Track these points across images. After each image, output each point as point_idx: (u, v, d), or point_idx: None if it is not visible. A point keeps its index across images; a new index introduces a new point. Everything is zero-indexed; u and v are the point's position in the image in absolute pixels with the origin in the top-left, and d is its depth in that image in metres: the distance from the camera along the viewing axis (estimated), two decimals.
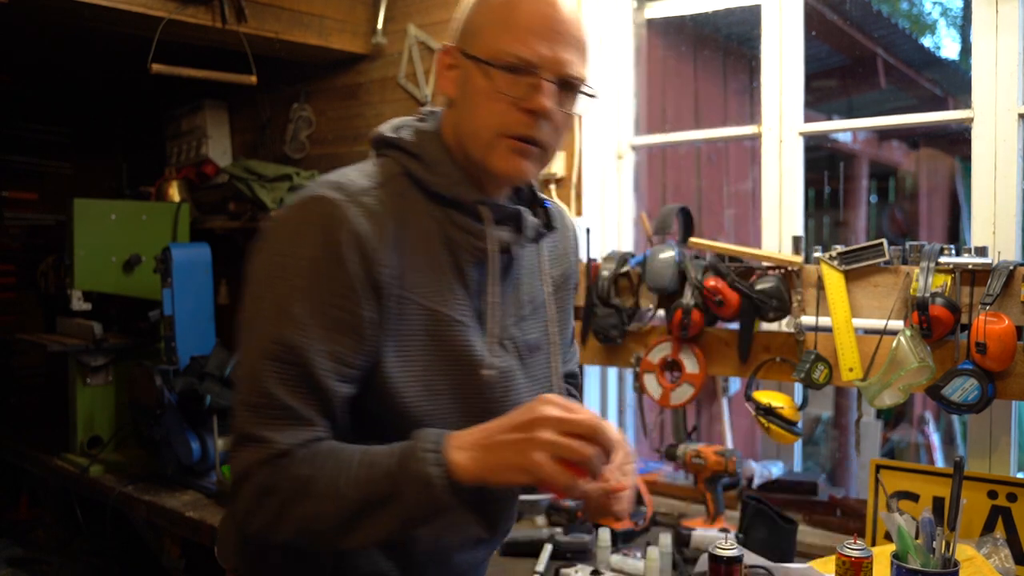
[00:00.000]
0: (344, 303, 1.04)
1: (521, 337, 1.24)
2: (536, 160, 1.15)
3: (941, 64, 4.86)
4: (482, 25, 1.14)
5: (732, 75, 3.73)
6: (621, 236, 2.49)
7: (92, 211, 2.97)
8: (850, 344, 1.90)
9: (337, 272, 1.04)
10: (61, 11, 2.37)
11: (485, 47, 1.12)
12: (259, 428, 1.03)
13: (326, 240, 1.04)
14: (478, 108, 1.12)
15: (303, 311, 1.03)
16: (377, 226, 1.07)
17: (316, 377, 1.03)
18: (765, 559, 1.70)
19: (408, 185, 1.15)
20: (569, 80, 1.13)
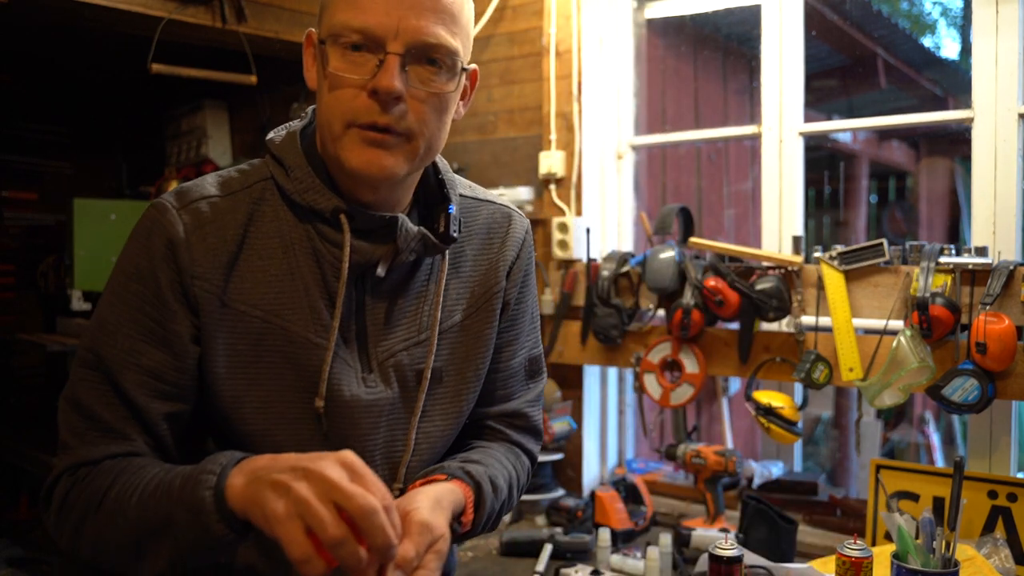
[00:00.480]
0: (155, 315, 0.97)
1: (411, 365, 1.06)
2: (399, 151, 0.97)
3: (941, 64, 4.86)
4: (327, 1, 0.99)
5: (732, 75, 3.73)
6: (621, 236, 2.49)
7: (92, 211, 2.97)
8: (850, 344, 1.90)
9: (149, 283, 0.97)
10: (61, 11, 2.36)
11: (326, 23, 0.98)
12: (71, 436, 0.97)
13: (145, 249, 0.98)
14: (324, 96, 0.98)
15: (116, 321, 0.97)
16: (203, 235, 0.98)
17: (124, 390, 0.96)
18: (765, 559, 1.70)
19: (274, 191, 1.03)
20: (426, 49, 0.95)
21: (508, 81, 2.53)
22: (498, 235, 1.16)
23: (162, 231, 0.98)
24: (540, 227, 2.45)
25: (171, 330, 0.97)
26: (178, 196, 1.01)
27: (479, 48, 2.57)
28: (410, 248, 1.02)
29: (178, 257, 0.97)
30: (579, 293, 2.33)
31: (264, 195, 1.03)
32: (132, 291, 0.98)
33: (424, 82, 0.96)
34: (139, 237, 0.99)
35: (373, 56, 0.94)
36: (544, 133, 2.44)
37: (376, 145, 0.95)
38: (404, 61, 0.94)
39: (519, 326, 1.20)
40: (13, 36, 3.02)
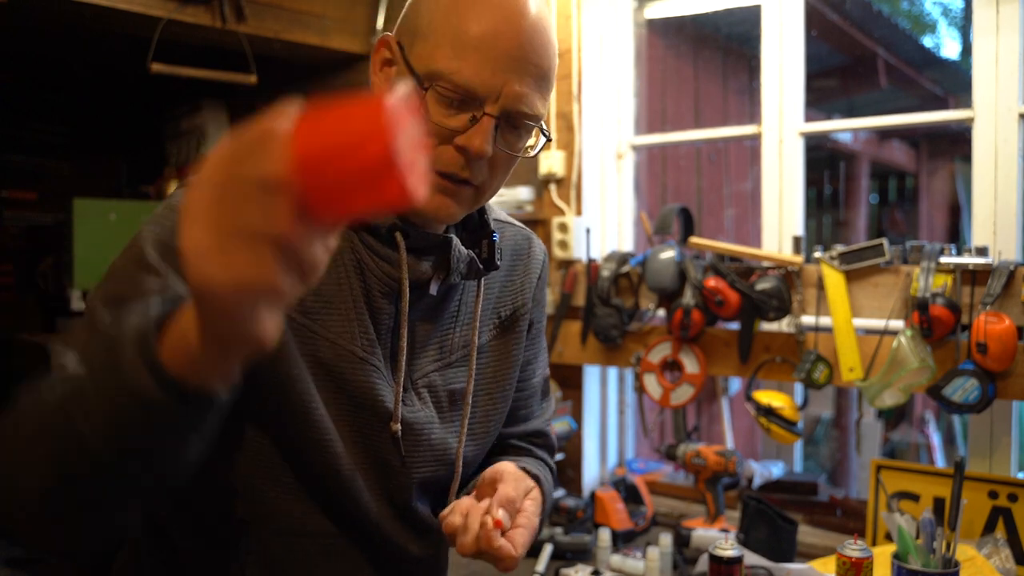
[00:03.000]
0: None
1: (443, 386, 1.05)
2: (466, 201, 0.96)
3: (942, 64, 4.86)
4: (426, 27, 0.92)
5: (732, 75, 3.73)
6: (621, 236, 2.49)
7: (92, 211, 2.97)
8: (850, 344, 1.90)
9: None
10: (61, 11, 2.36)
11: (424, 58, 0.91)
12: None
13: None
14: None
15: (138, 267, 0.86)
16: None
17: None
18: (765, 559, 1.69)
19: None
20: (519, 116, 0.93)
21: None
22: (522, 257, 1.16)
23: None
24: (540, 227, 2.45)
25: None
26: None
27: None
28: (459, 270, 1.01)
29: None
30: (579, 293, 2.33)
31: None
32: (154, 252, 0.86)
33: (508, 145, 0.95)
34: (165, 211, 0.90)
35: (468, 109, 0.91)
36: None
37: (450, 195, 0.94)
38: (497, 123, 0.92)
39: (538, 345, 1.21)
40: (13, 36, 3.02)
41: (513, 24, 0.90)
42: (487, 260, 1.05)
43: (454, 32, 0.90)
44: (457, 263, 1.00)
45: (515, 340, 1.14)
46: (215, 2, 2.50)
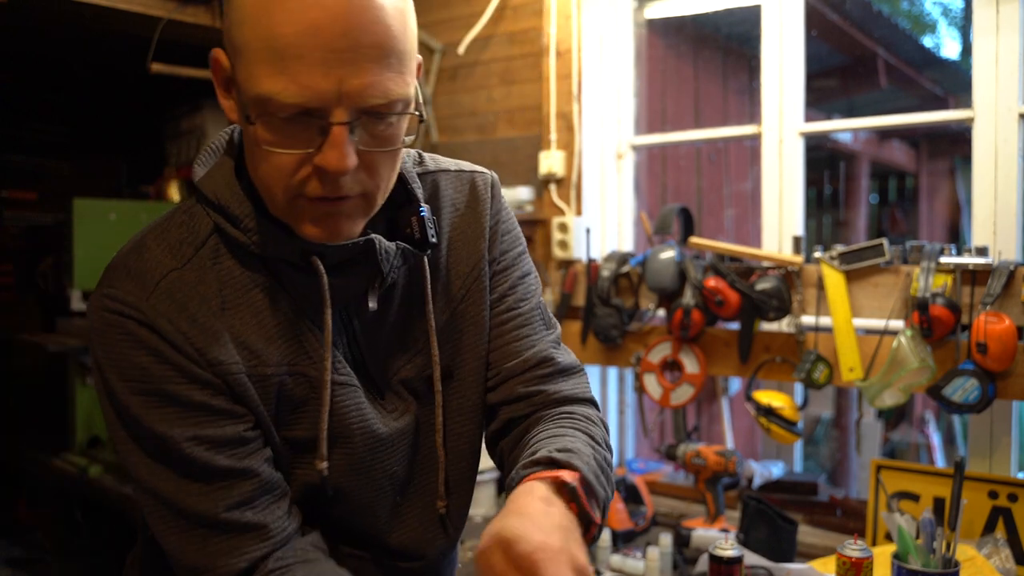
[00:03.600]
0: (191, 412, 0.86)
1: (417, 376, 0.99)
2: (358, 212, 0.86)
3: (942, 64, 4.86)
4: (243, 43, 0.79)
5: (732, 75, 3.73)
6: (621, 236, 2.49)
7: (92, 211, 2.97)
8: (850, 344, 1.90)
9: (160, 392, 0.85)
10: (61, 11, 2.37)
11: (248, 79, 0.79)
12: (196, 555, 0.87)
13: (134, 360, 0.84)
14: (259, 161, 0.83)
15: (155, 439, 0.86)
16: (191, 317, 0.85)
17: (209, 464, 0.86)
18: (765, 559, 1.69)
19: (219, 240, 0.89)
20: (376, 109, 0.79)
21: (508, 81, 2.53)
22: (465, 205, 1.03)
23: (146, 331, 0.84)
24: (540, 227, 2.45)
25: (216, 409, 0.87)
26: (135, 281, 0.85)
27: (479, 48, 2.57)
28: (394, 267, 0.92)
29: (183, 351, 0.85)
30: (579, 293, 2.33)
31: (219, 249, 0.89)
32: (152, 410, 0.85)
33: (377, 140, 0.82)
34: (117, 351, 0.84)
35: (313, 122, 0.78)
36: (544, 133, 2.44)
37: (333, 216, 0.84)
38: (352, 127, 0.79)
39: (512, 275, 1.06)
40: (13, 36, 3.02)
41: (328, 9, 0.75)
42: (420, 241, 0.94)
43: (266, 41, 0.76)
44: (389, 262, 0.91)
45: (481, 300, 1.03)
46: (215, 2, 2.50)
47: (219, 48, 0.84)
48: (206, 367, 0.86)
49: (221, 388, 0.87)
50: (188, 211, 0.92)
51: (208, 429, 0.86)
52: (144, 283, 0.85)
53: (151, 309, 0.84)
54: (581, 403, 1.03)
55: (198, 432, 0.86)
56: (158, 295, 0.85)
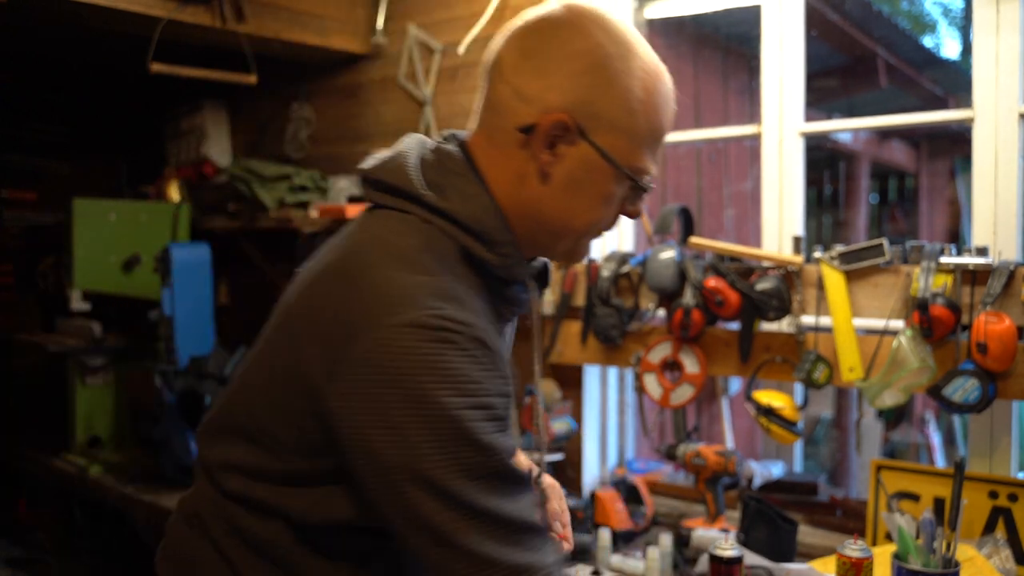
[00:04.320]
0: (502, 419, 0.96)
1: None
2: None
3: (942, 64, 4.86)
4: (616, 119, 1.00)
5: (732, 75, 3.73)
6: (621, 236, 2.49)
7: (92, 211, 2.97)
8: (851, 344, 1.90)
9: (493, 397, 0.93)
10: (61, 11, 2.36)
11: (618, 147, 1.01)
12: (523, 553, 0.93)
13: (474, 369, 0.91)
14: (585, 204, 1.03)
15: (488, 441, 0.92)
16: (488, 331, 0.96)
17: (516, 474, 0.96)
18: (765, 559, 1.69)
19: (459, 259, 0.99)
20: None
21: None
22: None
23: (481, 348, 0.92)
24: None
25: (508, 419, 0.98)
26: (453, 302, 0.92)
27: (479, 48, 2.57)
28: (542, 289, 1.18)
29: (502, 366, 0.96)
30: (579, 293, 2.33)
31: (456, 270, 0.98)
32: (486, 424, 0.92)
33: None
34: (455, 366, 0.89)
35: (640, 188, 1.06)
36: None
37: (585, 247, 1.11)
38: None
39: None
40: (13, 36, 3.02)
41: (673, 110, 1.06)
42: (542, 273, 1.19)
43: (652, 132, 1.03)
44: (543, 281, 1.18)
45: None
46: (215, 2, 2.50)
47: (563, 114, 0.99)
48: (508, 379, 0.97)
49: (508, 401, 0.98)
50: (427, 231, 0.99)
51: (507, 438, 0.95)
52: (462, 303, 0.93)
53: (483, 330, 0.93)
54: None
55: (505, 442, 0.94)
56: (477, 314, 0.95)
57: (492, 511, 0.90)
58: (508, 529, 0.91)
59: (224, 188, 3.23)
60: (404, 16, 2.79)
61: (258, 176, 3.03)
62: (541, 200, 1.03)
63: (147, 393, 2.59)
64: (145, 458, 2.74)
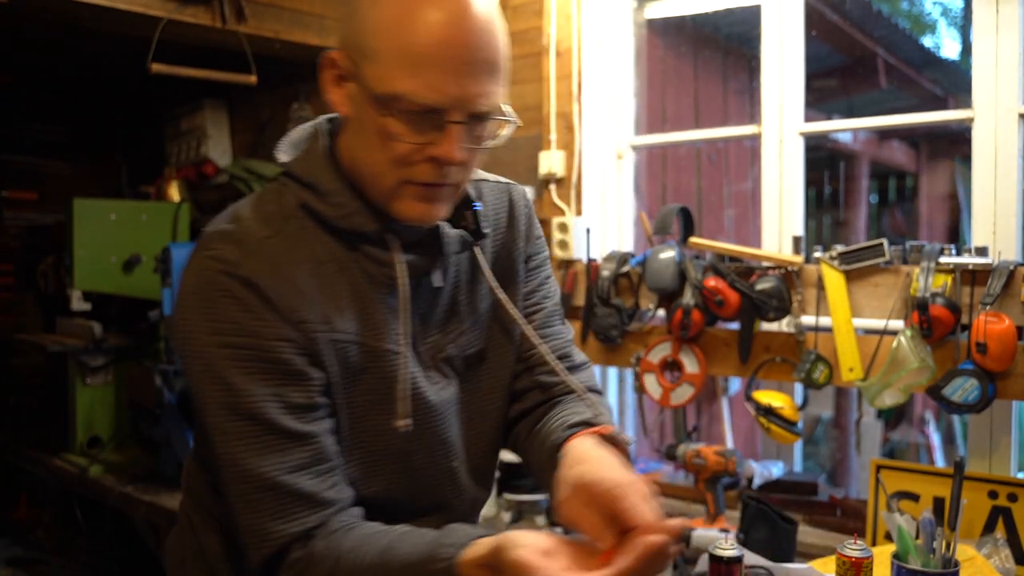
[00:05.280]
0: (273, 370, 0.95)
1: (459, 355, 1.11)
2: (447, 198, 1.01)
3: (942, 64, 4.86)
4: (377, 49, 0.93)
5: (732, 75, 3.73)
6: (621, 236, 2.49)
7: (92, 211, 2.97)
8: (850, 344, 1.90)
9: (254, 344, 0.93)
10: (61, 11, 2.36)
11: (380, 79, 0.92)
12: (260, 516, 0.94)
13: (228, 311, 0.93)
14: (374, 148, 0.96)
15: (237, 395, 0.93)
16: (284, 277, 0.96)
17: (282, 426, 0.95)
18: (765, 559, 1.69)
19: (309, 218, 1.00)
20: (483, 114, 0.97)
21: (508, 81, 2.53)
22: (504, 211, 1.19)
23: (244, 288, 0.93)
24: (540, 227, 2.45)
25: (294, 370, 0.95)
26: (234, 244, 0.96)
27: None
28: (454, 252, 1.07)
29: (276, 308, 0.94)
30: (579, 293, 2.33)
31: (304, 223, 1.00)
32: (236, 363, 0.93)
33: (476, 140, 0.98)
34: (213, 306, 0.93)
35: (433, 119, 0.93)
36: (544, 133, 2.44)
37: (430, 200, 0.98)
38: (467, 126, 0.95)
39: (540, 275, 1.22)
40: (13, 36, 3.02)
41: (460, 27, 0.92)
42: (475, 231, 1.09)
43: (404, 49, 0.91)
44: (450, 247, 1.06)
45: (515, 291, 1.17)
46: (215, 2, 2.50)
47: (333, 51, 0.98)
48: (295, 325, 0.95)
49: (304, 347, 0.96)
50: (277, 189, 1.04)
51: (283, 388, 0.94)
52: (243, 245, 0.96)
53: (249, 268, 0.94)
54: (591, 393, 1.17)
55: (275, 390, 0.94)
56: (256, 256, 0.95)
57: (233, 459, 0.94)
58: (247, 485, 0.94)
59: (224, 188, 3.23)
60: None
61: (258, 176, 3.03)
62: (350, 146, 1.01)
63: (147, 393, 2.59)
64: (145, 458, 2.73)
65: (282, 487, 0.94)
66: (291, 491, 0.94)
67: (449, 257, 1.07)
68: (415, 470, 1.07)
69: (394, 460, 1.05)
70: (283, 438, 0.94)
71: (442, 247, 1.05)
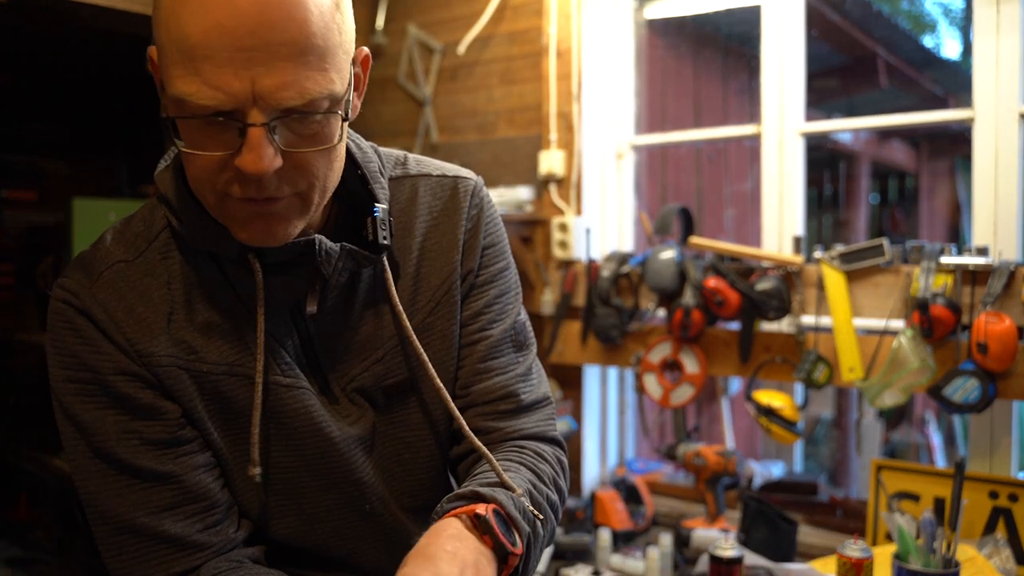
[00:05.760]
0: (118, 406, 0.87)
1: (375, 385, 0.96)
2: (293, 212, 0.82)
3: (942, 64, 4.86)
4: (161, 44, 0.77)
5: (732, 75, 3.73)
6: (621, 236, 2.49)
7: (91, 211, 2.97)
8: (851, 344, 1.90)
9: (90, 380, 0.86)
10: (61, 11, 2.36)
11: (168, 80, 0.76)
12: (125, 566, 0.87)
13: (70, 348, 0.86)
14: (185, 161, 0.81)
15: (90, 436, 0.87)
16: (129, 308, 0.87)
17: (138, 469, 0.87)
18: (765, 559, 1.69)
19: (168, 235, 0.91)
20: (294, 109, 0.76)
21: (508, 81, 2.53)
22: (441, 212, 0.99)
23: (82, 319, 0.86)
24: (540, 227, 2.45)
25: (143, 405, 0.87)
26: (83, 271, 0.88)
27: (479, 48, 2.57)
28: (338, 270, 0.89)
29: (113, 340, 0.86)
30: (579, 293, 2.33)
31: (170, 244, 0.90)
32: (82, 399, 0.86)
33: (304, 139, 0.78)
34: (58, 338, 0.87)
35: (232, 124, 0.75)
36: (544, 133, 2.44)
37: (262, 217, 0.81)
38: (271, 128, 0.75)
39: (489, 293, 1.01)
40: (13, 36, 3.02)
41: (234, 6, 0.72)
42: (372, 243, 0.91)
43: (177, 43, 0.74)
44: (330, 264, 0.88)
45: (451, 315, 0.99)
46: None
47: (152, 47, 0.81)
48: (136, 358, 0.87)
49: (151, 382, 0.87)
50: (151, 206, 0.95)
51: (136, 424, 0.87)
52: (91, 273, 0.88)
53: (90, 297, 0.87)
54: (537, 440, 1.00)
55: (126, 426, 0.86)
56: (100, 284, 0.88)
57: (92, 499, 0.87)
58: (107, 526, 0.87)
59: None
60: (404, 16, 2.79)
61: None
62: (184, 160, 0.84)
63: None
64: None
65: (144, 530, 0.86)
66: (154, 534, 0.86)
67: (332, 277, 0.89)
68: (325, 512, 0.96)
69: (295, 499, 0.94)
70: (142, 478, 0.86)
71: (317, 266, 0.87)
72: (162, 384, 0.88)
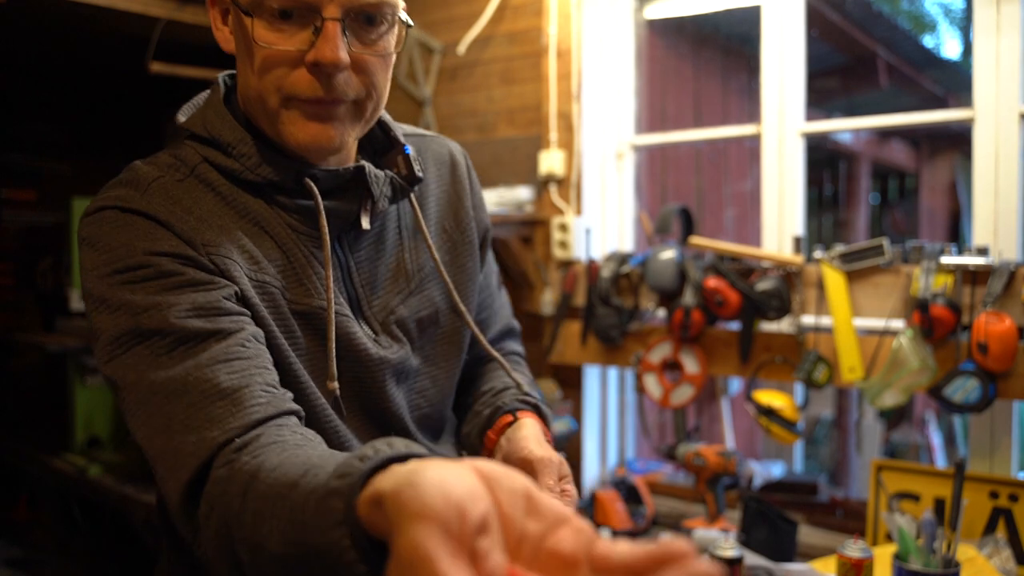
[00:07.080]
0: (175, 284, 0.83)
1: (410, 316, 1.00)
2: (347, 119, 0.88)
3: (942, 64, 4.86)
4: None
5: (732, 75, 3.73)
6: (621, 236, 2.49)
7: None
8: (851, 344, 1.90)
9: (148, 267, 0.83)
10: (61, 11, 2.37)
11: None
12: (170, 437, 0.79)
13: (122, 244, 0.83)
14: (250, 69, 0.86)
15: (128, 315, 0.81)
16: (184, 212, 0.86)
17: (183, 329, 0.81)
18: (766, 560, 1.69)
19: (216, 174, 0.91)
20: (365, 9, 0.84)
21: (508, 81, 2.53)
22: (446, 166, 1.09)
23: (136, 216, 0.84)
24: (540, 227, 2.45)
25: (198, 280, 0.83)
26: (127, 187, 0.88)
27: (479, 48, 2.57)
28: (383, 194, 0.94)
29: (173, 229, 0.84)
30: (579, 293, 2.33)
31: (208, 179, 0.90)
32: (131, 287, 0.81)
33: (367, 44, 0.86)
34: (103, 237, 0.84)
35: (307, 22, 0.83)
36: (544, 133, 2.44)
37: (323, 119, 0.86)
38: (343, 26, 0.83)
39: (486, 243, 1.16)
40: (13, 36, 3.02)
41: None
42: (408, 176, 0.98)
43: None
44: (379, 187, 0.94)
45: (469, 252, 1.08)
46: None
47: None
48: (199, 247, 0.85)
49: (209, 268, 0.84)
50: (173, 150, 0.94)
51: (185, 295, 0.81)
52: (137, 186, 0.88)
53: (143, 202, 0.86)
54: (519, 356, 1.23)
55: (176, 298, 0.81)
56: (151, 192, 0.87)
57: (135, 389, 0.79)
58: (147, 411, 0.78)
59: None
60: None
61: None
62: (241, 84, 0.91)
63: None
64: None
65: (196, 387, 0.77)
66: (207, 390, 0.77)
67: (379, 200, 0.94)
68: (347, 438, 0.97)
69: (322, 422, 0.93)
70: (194, 339, 0.80)
71: (368, 188, 0.92)
72: (222, 272, 0.85)
